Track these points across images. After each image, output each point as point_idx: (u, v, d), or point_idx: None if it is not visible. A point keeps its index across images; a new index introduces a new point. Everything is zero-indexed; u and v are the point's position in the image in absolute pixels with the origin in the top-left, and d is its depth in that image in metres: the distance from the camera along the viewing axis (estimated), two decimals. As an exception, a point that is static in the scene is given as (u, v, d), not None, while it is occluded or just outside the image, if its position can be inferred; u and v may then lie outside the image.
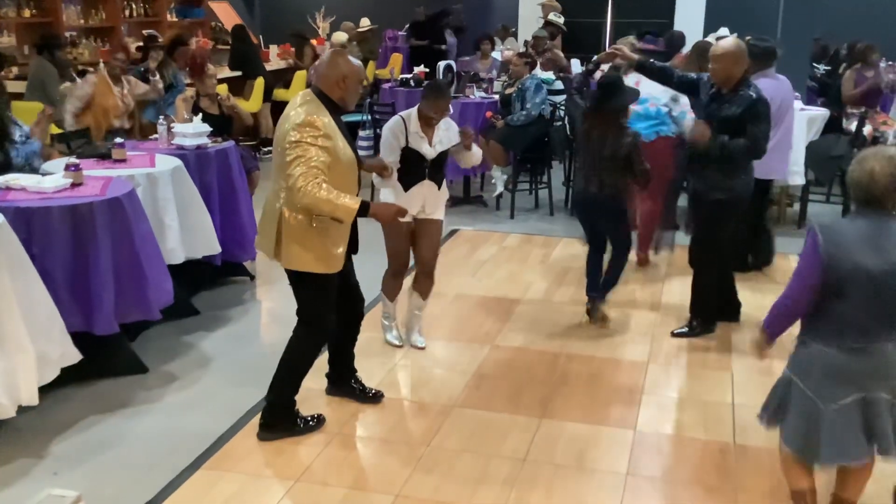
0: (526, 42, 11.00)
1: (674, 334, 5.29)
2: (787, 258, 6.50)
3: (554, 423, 4.22)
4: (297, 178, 3.56)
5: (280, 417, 4.04)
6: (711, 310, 5.30)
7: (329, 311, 4.01)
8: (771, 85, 5.67)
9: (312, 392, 4.33)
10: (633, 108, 6.16)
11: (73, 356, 4.17)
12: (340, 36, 11.39)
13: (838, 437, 3.08)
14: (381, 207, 3.87)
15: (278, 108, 11.11)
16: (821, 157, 7.67)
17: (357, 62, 3.90)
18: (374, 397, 4.40)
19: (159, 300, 4.72)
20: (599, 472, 3.81)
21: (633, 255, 5.94)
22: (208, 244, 5.50)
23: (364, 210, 3.67)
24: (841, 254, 2.99)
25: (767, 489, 3.68)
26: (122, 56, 7.28)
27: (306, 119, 3.64)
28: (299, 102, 3.75)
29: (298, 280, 3.91)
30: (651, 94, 6.05)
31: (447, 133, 4.82)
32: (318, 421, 4.13)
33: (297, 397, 4.09)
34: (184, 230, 5.28)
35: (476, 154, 4.94)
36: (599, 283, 5.46)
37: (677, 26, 11.64)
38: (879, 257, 2.97)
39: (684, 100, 6.08)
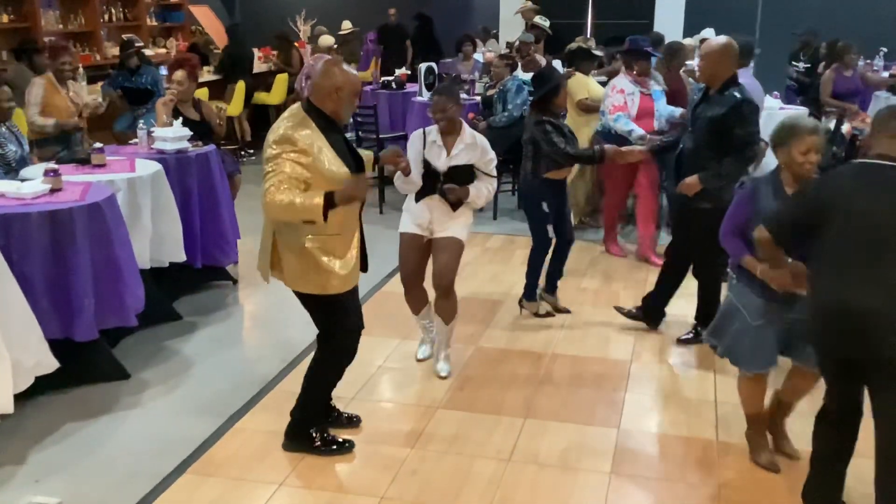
0: (509, 44, 11.02)
1: (679, 341, 5.19)
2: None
3: (538, 423, 4.23)
4: (266, 191, 3.42)
5: (300, 433, 3.93)
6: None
7: (344, 330, 3.82)
8: (748, 83, 5.70)
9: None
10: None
11: (50, 365, 4.10)
12: (327, 39, 11.31)
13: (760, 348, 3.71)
14: (342, 191, 3.45)
15: (258, 111, 11.14)
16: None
17: (354, 72, 3.67)
18: (349, 421, 4.20)
19: (135, 306, 4.69)
20: (583, 471, 3.82)
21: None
22: (175, 251, 5.44)
23: (331, 201, 3.40)
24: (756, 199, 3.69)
25: (750, 485, 3.71)
26: (67, 59, 7.12)
27: (284, 134, 3.47)
28: (286, 116, 3.59)
29: (304, 300, 3.77)
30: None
31: (471, 150, 4.57)
32: (342, 446, 3.94)
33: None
34: (154, 236, 5.24)
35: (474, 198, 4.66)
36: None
37: (657, 27, 11.69)
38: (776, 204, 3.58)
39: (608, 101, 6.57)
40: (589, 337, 5.32)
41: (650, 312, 5.38)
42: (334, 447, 3.93)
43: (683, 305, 5.52)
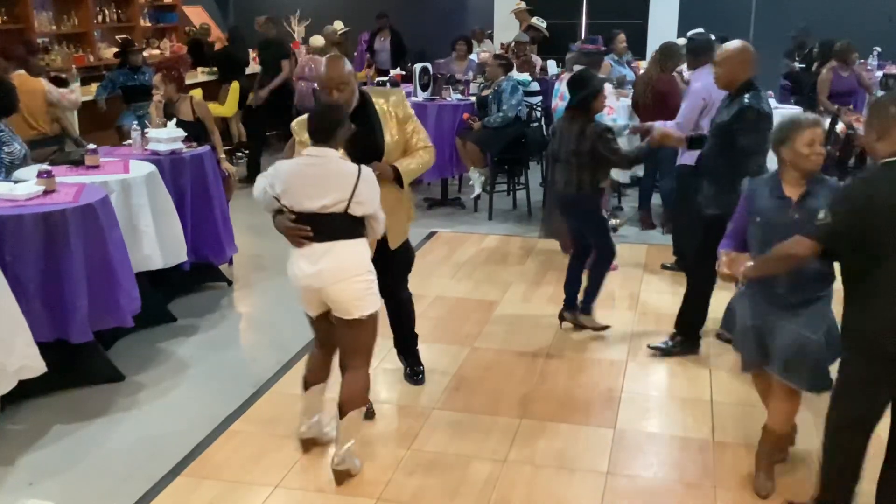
0: (502, 44, 11.02)
1: (649, 347, 5.06)
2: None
3: (534, 424, 4.22)
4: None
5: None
6: (695, 327, 5.00)
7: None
8: (706, 82, 5.47)
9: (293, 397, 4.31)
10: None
11: (36, 369, 4.02)
12: (318, 40, 11.32)
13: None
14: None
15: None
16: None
17: (321, 68, 3.99)
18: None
19: (130, 307, 4.68)
20: (580, 471, 3.81)
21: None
22: (176, 252, 5.42)
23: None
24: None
25: (746, 484, 3.70)
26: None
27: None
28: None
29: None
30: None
31: None
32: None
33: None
34: (154, 237, 5.20)
35: None
36: (575, 295, 5.36)
37: (651, 27, 11.72)
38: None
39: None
40: (584, 337, 5.31)
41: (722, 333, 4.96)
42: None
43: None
